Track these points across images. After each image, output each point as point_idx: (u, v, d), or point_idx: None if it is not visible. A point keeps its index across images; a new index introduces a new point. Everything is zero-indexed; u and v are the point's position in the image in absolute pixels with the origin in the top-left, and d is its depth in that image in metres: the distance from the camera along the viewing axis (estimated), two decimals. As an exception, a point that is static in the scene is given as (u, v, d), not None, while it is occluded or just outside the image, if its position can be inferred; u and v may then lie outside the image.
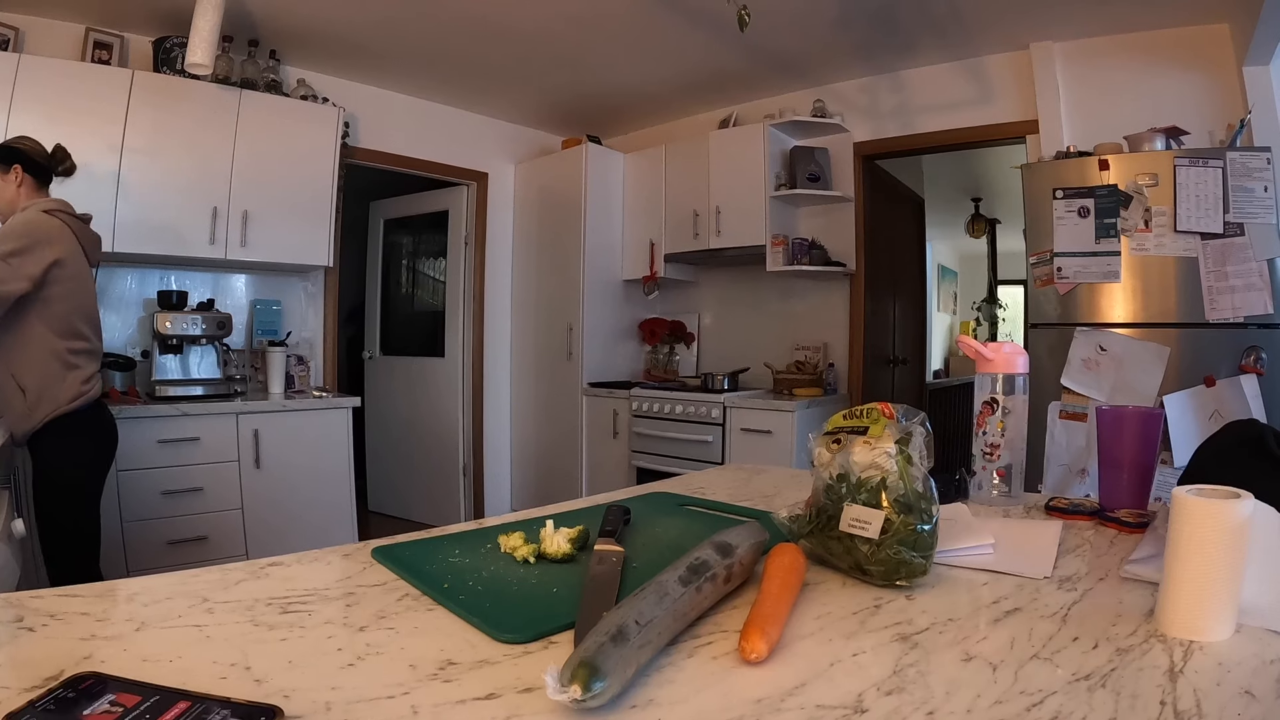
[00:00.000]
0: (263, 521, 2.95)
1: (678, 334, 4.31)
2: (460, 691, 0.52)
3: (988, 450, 1.14)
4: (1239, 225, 2.36)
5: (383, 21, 3.08)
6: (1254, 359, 2.35)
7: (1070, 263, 2.61)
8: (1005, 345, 1.15)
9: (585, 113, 4.34)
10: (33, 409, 1.97)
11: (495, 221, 4.43)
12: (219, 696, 0.47)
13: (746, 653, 0.56)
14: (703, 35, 3.16)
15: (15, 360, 1.97)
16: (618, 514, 0.93)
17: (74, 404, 2.02)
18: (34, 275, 1.93)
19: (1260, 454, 0.86)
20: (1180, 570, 0.62)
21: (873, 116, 3.65)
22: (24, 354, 1.97)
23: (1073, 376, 2.60)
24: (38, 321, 1.98)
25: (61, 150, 2.20)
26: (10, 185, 2.08)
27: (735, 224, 3.69)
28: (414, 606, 0.69)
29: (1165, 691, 0.51)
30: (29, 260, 1.93)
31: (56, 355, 2.01)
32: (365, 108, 3.78)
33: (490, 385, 4.41)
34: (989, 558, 0.83)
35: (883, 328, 4.00)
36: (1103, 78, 3.00)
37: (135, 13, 2.91)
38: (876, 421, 0.81)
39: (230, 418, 2.88)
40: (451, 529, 0.96)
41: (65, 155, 2.21)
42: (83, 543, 2.09)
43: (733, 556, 0.70)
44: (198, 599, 0.68)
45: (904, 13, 2.93)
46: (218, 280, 3.38)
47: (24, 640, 0.59)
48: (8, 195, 2.08)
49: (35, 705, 0.44)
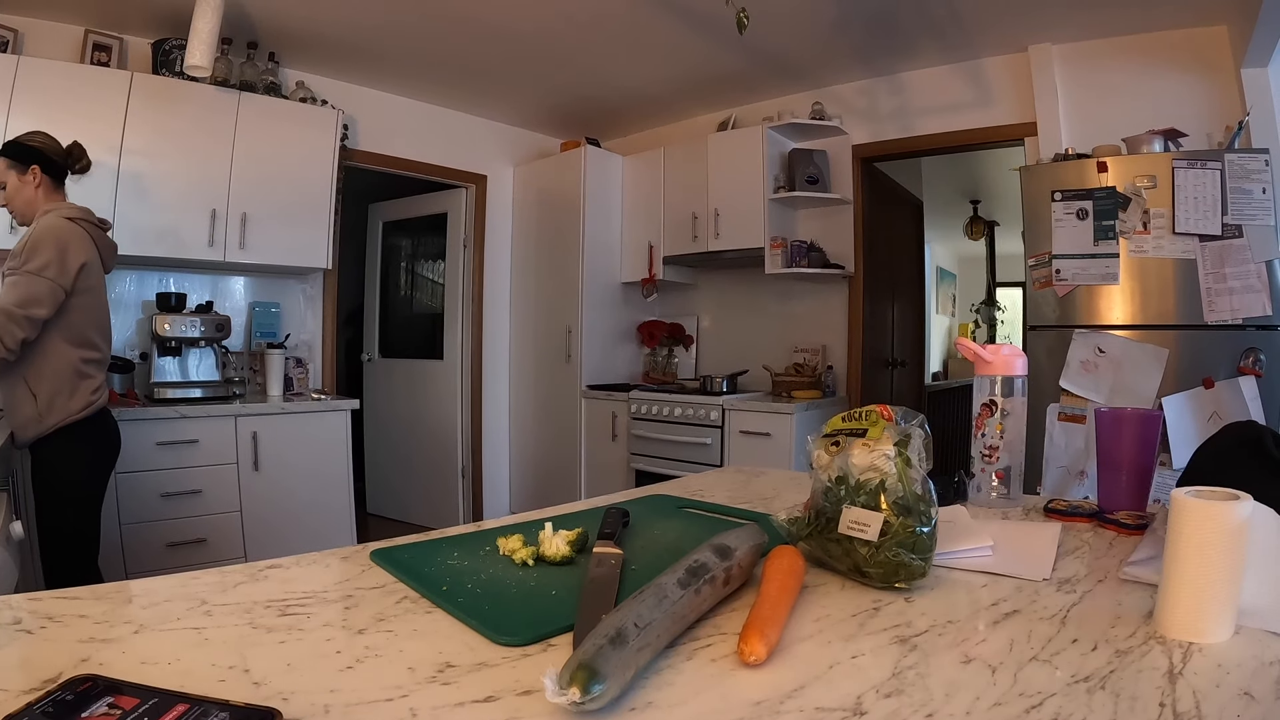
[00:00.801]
0: (261, 524, 2.94)
1: (676, 336, 4.31)
2: (459, 694, 0.52)
3: (986, 452, 1.14)
4: (1237, 227, 2.36)
5: (382, 24, 3.08)
6: (1252, 360, 2.35)
7: (1069, 265, 2.61)
8: (1004, 347, 1.15)
9: (584, 115, 4.34)
10: (44, 415, 1.98)
11: (494, 224, 4.43)
12: (218, 699, 0.47)
13: (745, 655, 0.56)
14: (701, 37, 3.16)
15: (30, 368, 1.98)
16: (616, 516, 0.93)
17: (84, 413, 2.04)
18: (67, 286, 1.96)
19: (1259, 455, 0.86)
20: (1179, 572, 0.62)
21: (871, 119, 3.65)
22: (40, 362, 1.98)
23: (1071, 378, 2.60)
24: (54, 333, 1.99)
25: (78, 148, 2.19)
26: (29, 186, 2.07)
27: (734, 226, 3.69)
28: (413, 609, 0.69)
29: (1164, 693, 0.51)
30: (63, 273, 1.95)
31: (71, 365, 2.02)
32: (364, 110, 3.78)
33: (489, 388, 4.41)
34: (988, 560, 0.83)
35: (881, 330, 4.01)
36: (1101, 80, 3.01)
37: (134, 15, 2.92)
38: (875, 424, 0.81)
39: (229, 420, 2.88)
40: (450, 531, 0.96)
41: (82, 153, 2.20)
42: (83, 547, 2.09)
43: (731, 559, 0.70)
44: (196, 601, 0.68)
45: (903, 15, 2.93)
46: (216, 282, 3.38)
47: (22, 642, 0.59)
48: (26, 196, 2.07)
49: (33, 708, 0.44)
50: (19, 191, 2.07)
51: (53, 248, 1.95)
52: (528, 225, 4.45)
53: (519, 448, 4.48)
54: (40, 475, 2.03)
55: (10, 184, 2.06)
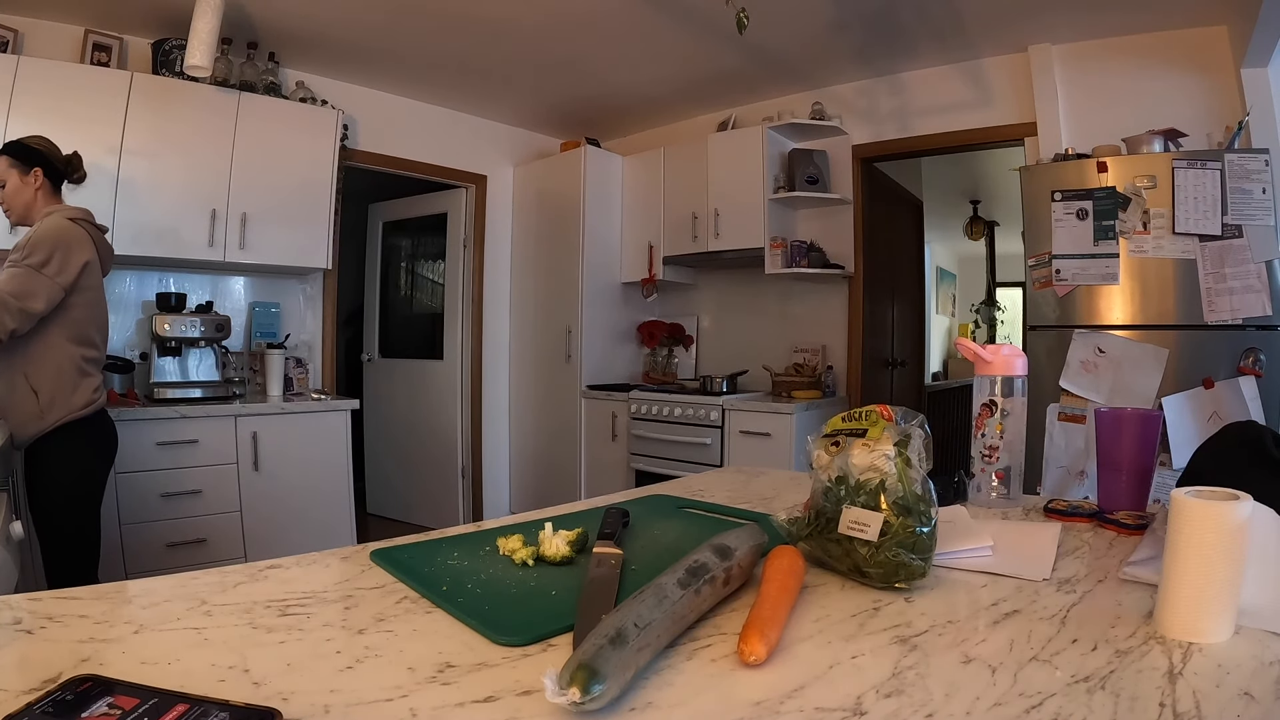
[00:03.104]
0: (261, 524, 2.94)
1: (676, 336, 4.31)
2: (459, 694, 0.52)
3: (986, 452, 1.14)
4: (1237, 227, 2.36)
5: (382, 24, 3.08)
6: (1252, 360, 2.35)
7: (1069, 265, 2.61)
8: (1004, 347, 1.15)
9: (584, 115, 4.34)
10: (45, 411, 1.99)
11: (494, 224, 4.43)
12: (217, 699, 0.47)
13: (745, 655, 0.56)
14: (701, 37, 3.16)
15: (31, 365, 1.98)
16: (616, 516, 0.93)
17: (85, 410, 2.05)
18: (68, 285, 1.97)
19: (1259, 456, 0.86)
20: (1179, 572, 0.62)
21: (871, 119, 3.65)
22: (40, 359, 1.99)
23: (1071, 378, 2.60)
24: (56, 329, 2.00)
25: (78, 158, 2.23)
26: (29, 188, 2.08)
27: (734, 226, 3.69)
28: (412, 609, 0.69)
29: (1164, 693, 0.51)
30: (63, 271, 1.96)
31: (72, 361, 2.03)
32: (364, 110, 3.78)
33: (489, 388, 4.41)
34: (988, 560, 0.83)
35: (881, 330, 4.01)
36: (1101, 80, 3.01)
37: (134, 15, 2.92)
38: (875, 424, 0.81)
39: (229, 420, 2.88)
40: (450, 531, 0.96)
41: (80, 164, 2.23)
42: (85, 550, 2.10)
43: (731, 559, 0.70)
44: (196, 601, 0.68)
45: (902, 15, 2.93)
46: (216, 282, 3.38)
47: (22, 642, 0.59)
48: (25, 198, 2.09)
49: (33, 708, 0.44)
50: (19, 192, 2.07)
51: (56, 246, 1.96)
52: (528, 225, 4.45)
53: (519, 448, 4.48)
54: (40, 475, 2.03)
55: (11, 183, 2.06)
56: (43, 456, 2.02)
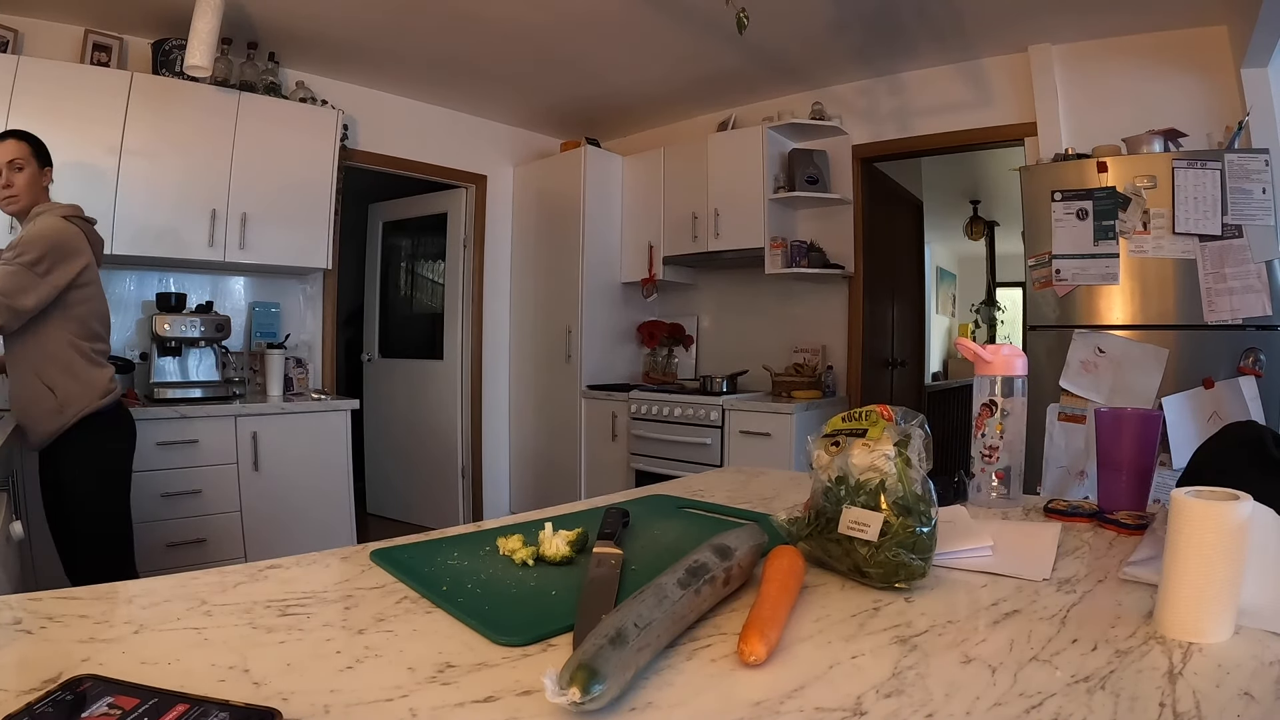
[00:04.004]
0: (261, 524, 2.94)
1: (676, 336, 4.31)
2: (459, 694, 0.52)
3: (986, 452, 1.14)
4: (1237, 227, 2.36)
5: (382, 24, 3.08)
6: (1252, 360, 2.35)
7: (1069, 265, 2.61)
8: (1004, 347, 1.15)
9: (584, 115, 4.34)
10: (64, 405, 2.00)
11: (494, 224, 4.43)
12: (217, 699, 0.47)
13: (745, 655, 0.56)
14: (701, 37, 3.16)
15: (39, 363, 2.00)
16: (616, 516, 0.93)
17: (104, 401, 2.08)
18: (60, 285, 1.98)
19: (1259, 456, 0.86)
20: (1179, 572, 0.62)
21: (871, 119, 3.65)
22: (50, 357, 2.01)
23: (1071, 378, 2.60)
24: (59, 327, 2.01)
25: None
26: (39, 184, 2.12)
27: (734, 226, 3.69)
28: (412, 609, 0.69)
29: (1164, 693, 0.51)
30: (56, 271, 1.97)
31: (82, 354, 2.06)
32: (364, 110, 3.78)
33: (489, 387, 4.41)
34: (988, 560, 0.83)
35: (881, 330, 4.01)
36: (1101, 80, 3.01)
37: (134, 15, 2.92)
38: (875, 424, 0.81)
39: (229, 420, 2.88)
40: (450, 531, 0.96)
41: None
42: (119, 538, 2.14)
43: (731, 559, 0.70)
44: (196, 601, 0.68)
45: (902, 15, 2.93)
46: (216, 282, 3.38)
47: (22, 642, 0.59)
48: (35, 191, 2.11)
49: (33, 708, 0.44)
50: (33, 183, 2.09)
51: (51, 247, 1.96)
52: (528, 225, 4.44)
53: (519, 448, 4.48)
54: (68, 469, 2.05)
55: (30, 171, 2.08)
56: (66, 451, 2.04)
